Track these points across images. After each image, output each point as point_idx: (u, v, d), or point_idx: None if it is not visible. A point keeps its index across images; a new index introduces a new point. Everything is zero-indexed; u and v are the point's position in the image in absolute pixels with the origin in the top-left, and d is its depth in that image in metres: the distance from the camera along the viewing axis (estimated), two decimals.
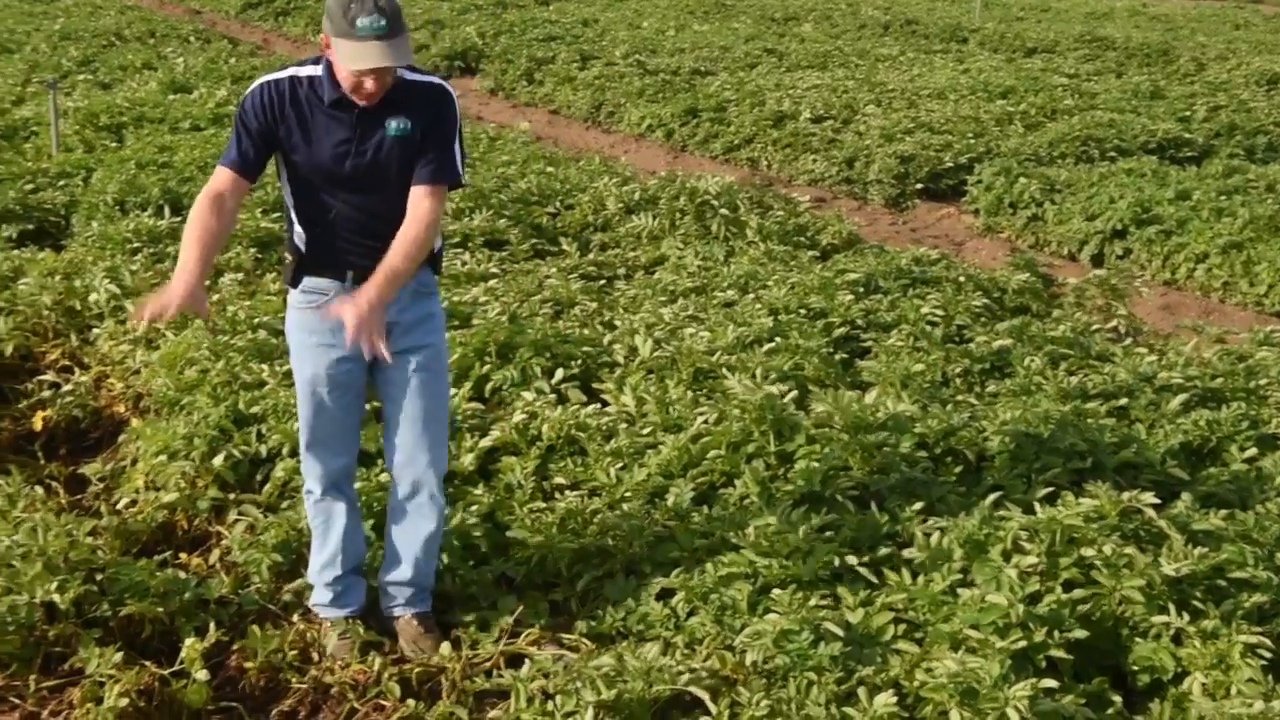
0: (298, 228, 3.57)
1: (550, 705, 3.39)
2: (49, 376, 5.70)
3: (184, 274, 3.33)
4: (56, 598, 3.75)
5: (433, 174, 3.49)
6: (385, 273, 3.36)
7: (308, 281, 3.59)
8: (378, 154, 3.46)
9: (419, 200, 3.48)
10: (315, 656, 3.80)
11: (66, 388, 5.55)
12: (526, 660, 3.66)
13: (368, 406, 4.09)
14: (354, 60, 3.28)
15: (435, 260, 3.71)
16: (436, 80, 3.58)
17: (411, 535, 3.78)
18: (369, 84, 3.34)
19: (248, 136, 3.46)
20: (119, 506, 4.68)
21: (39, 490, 4.59)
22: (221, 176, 3.47)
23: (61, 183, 8.75)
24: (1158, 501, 4.09)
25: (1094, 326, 6.39)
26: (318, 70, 3.46)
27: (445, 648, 3.73)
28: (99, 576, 3.94)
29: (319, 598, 3.92)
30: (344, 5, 3.25)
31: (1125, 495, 4.09)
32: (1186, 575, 3.70)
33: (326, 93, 3.44)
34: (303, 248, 3.57)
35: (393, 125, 3.45)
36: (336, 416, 3.69)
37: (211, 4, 23.10)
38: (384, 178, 3.49)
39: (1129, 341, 6.30)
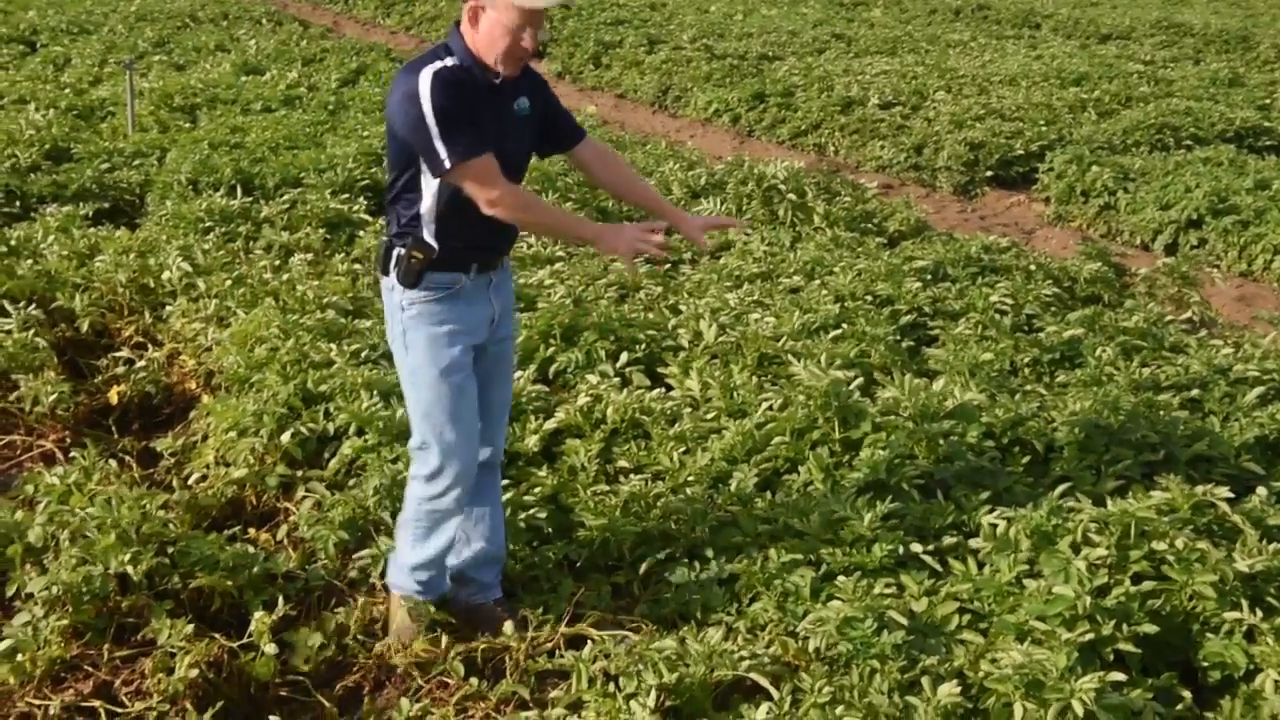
0: (430, 224, 3.42)
1: (611, 686, 3.40)
2: (123, 353, 5.80)
3: (596, 229, 3.62)
4: (129, 569, 3.81)
5: (575, 123, 3.74)
6: (656, 196, 3.84)
7: (430, 277, 3.45)
8: (521, 135, 3.51)
9: (594, 144, 3.75)
10: (380, 633, 3.84)
11: (140, 364, 5.64)
12: (588, 642, 3.67)
13: None
14: (534, 19, 3.26)
15: (514, 235, 3.71)
16: None
17: (495, 510, 3.85)
18: (528, 41, 3.28)
19: (463, 121, 3.28)
20: (190, 481, 4.75)
21: (113, 464, 4.68)
22: (490, 165, 3.32)
23: (136, 162, 8.89)
24: (1231, 496, 4.02)
25: (1167, 317, 6.28)
26: (462, 61, 3.33)
27: (508, 627, 3.74)
28: (170, 549, 4.00)
29: (401, 581, 3.80)
30: None
31: (1198, 489, 4.02)
32: (1260, 571, 3.64)
33: (483, 79, 3.35)
34: (435, 244, 3.42)
35: (518, 106, 3.47)
36: (474, 402, 3.60)
37: None
38: (521, 160, 3.60)
39: (1204, 333, 6.19)
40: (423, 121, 3.25)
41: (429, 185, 3.39)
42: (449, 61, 3.30)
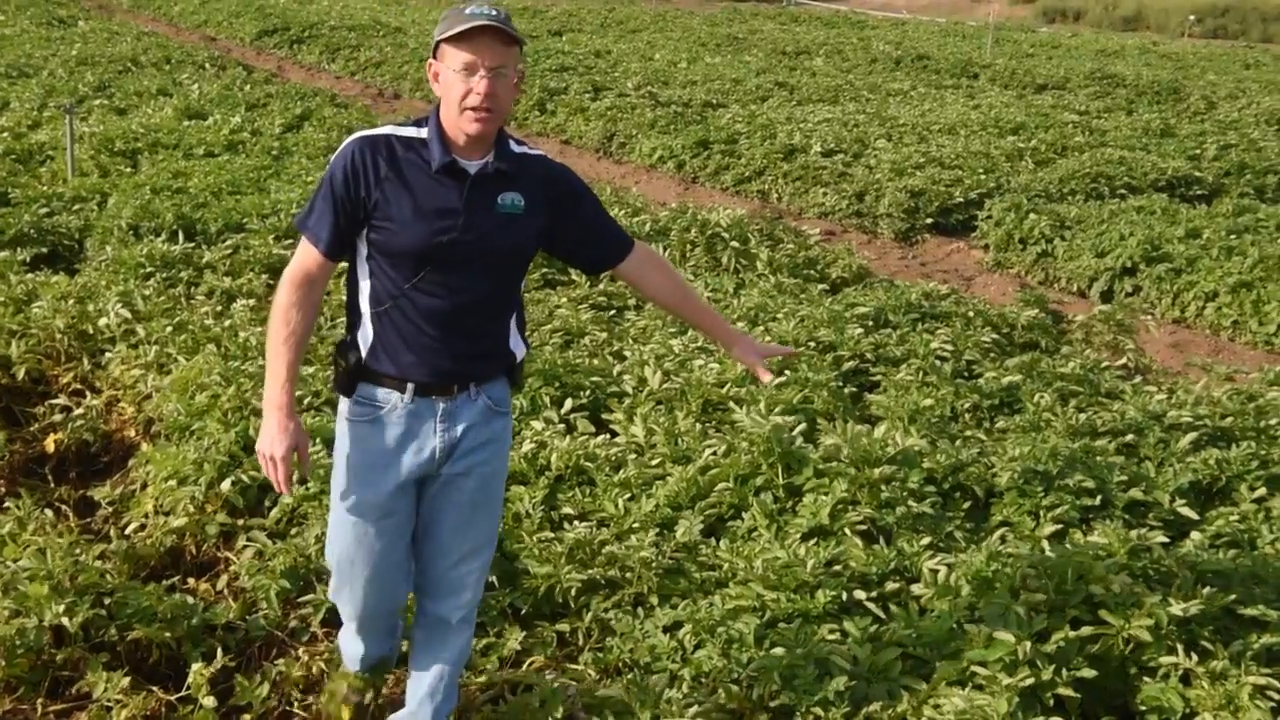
0: (364, 321, 3.02)
1: None
2: (60, 400, 5.72)
3: (280, 408, 2.94)
4: (65, 621, 3.75)
5: (624, 238, 3.23)
6: (715, 315, 3.48)
7: (362, 390, 3.04)
8: (487, 233, 2.95)
9: (641, 257, 3.24)
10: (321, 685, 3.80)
11: (78, 411, 5.57)
12: (533, 689, 3.66)
13: None
14: (466, 47, 2.82)
15: (513, 371, 3.20)
16: (552, 159, 3.16)
17: (436, 662, 3.34)
18: (481, 86, 2.83)
19: (338, 206, 2.92)
20: (128, 531, 4.69)
21: (49, 513, 4.61)
22: (310, 258, 2.97)
23: (76, 207, 8.80)
24: (1167, 540, 4.10)
25: (1103, 364, 6.39)
26: (422, 132, 2.95)
27: None
28: (107, 600, 3.94)
29: (345, 648, 3.50)
30: (455, 11, 2.88)
31: (1134, 533, 4.09)
32: (1195, 615, 3.69)
33: (435, 155, 2.91)
34: (364, 347, 3.01)
35: (503, 200, 2.97)
36: (380, 551, 3.12)
37: (227, 32, 23.29)
38: (487, 263, 2.97)
39: (1138, 379, 6.31)
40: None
41: (361, 267, 3.02)
42: (401, 131, 2.97)
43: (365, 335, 3.01)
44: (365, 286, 3.01)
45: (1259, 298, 8.09)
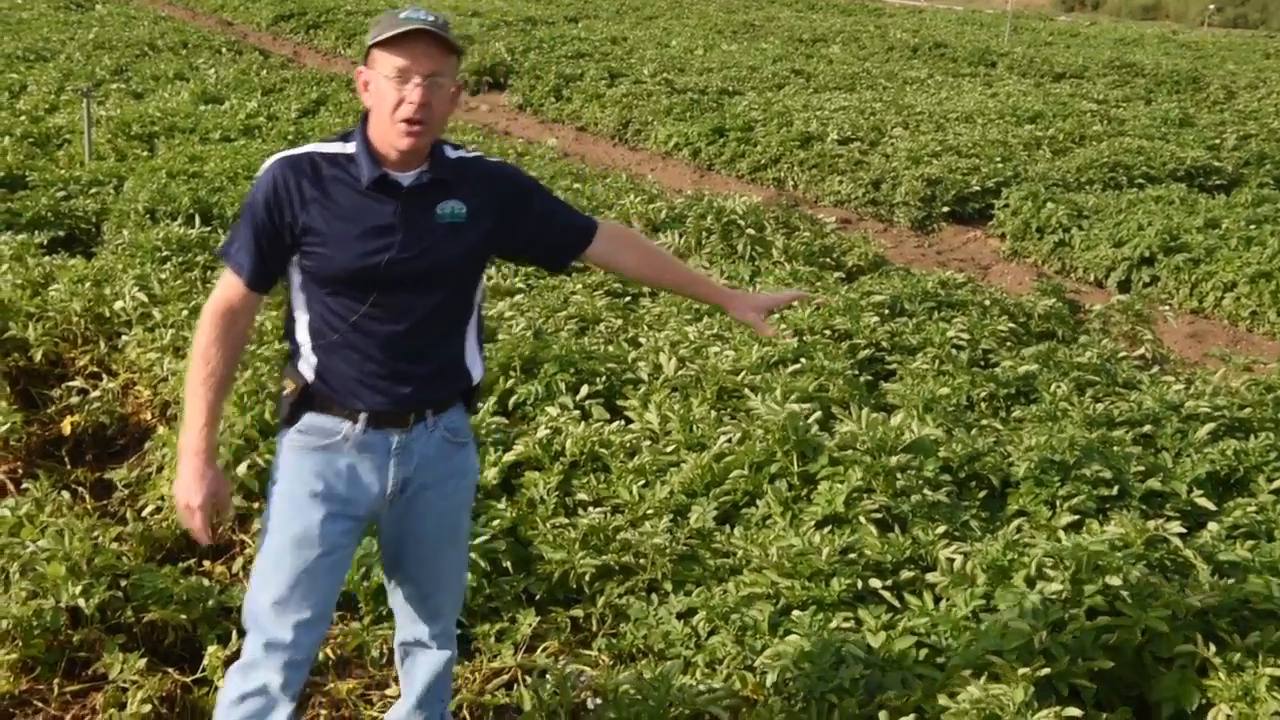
0: (305, 350, 2.78)
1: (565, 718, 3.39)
2: (77, 383, 5.74)
3: (197, 454, 2.71)
4: (81, 602, 3.76)
5: (582, 222, 2.99)
6: (701, 276, 3.21)
7: (308, 419, 2.79)
8: (430, 247, 2.72)
9: (608, 234, 3.00)
10: (334, 669, 3.81)
11: (94, 394, 5.58)
12: (546, 673, 3.66)
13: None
14: (400, 52, 2.61)
15: (470, 396, 2.97)
16: (491, 158, 2.94)
17: (423, 679, 3.19)
18: (415, 95, 2.62)
19: (260, 234, 2.69)
20: (144, 513, 4.70)
21: (65, 495, 4.62)
22: (232, 290, 2.73)
23: (93, 190, 8.82)
24: (1184, 531, 4.07)
25: (1121, 354, 6.36)
26: (349, 147, 2.73)
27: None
28: (123, 582, 3.95)
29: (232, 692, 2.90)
30: (390, 15, 2.68)
31: (1151, 524, 4.08)
32: (1213, 606, 3.67)
33: (365, 171, 2.69)
34: (310, 376, 2.77)
35: (442, 210, 2.75)
36: (317, 590, 2.82)
37: (243, 16, 23.31)
38: (432, 279, 2.75)
39: (1156, 369, 6.28)
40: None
41: (297, 296, 2.79)
42: (326, 148, 2.74)
43: (309, 364, 2.78)
44: (304, 319, 2.78)
45: (1278, 288, 8.04)
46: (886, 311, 6.63)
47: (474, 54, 17.69)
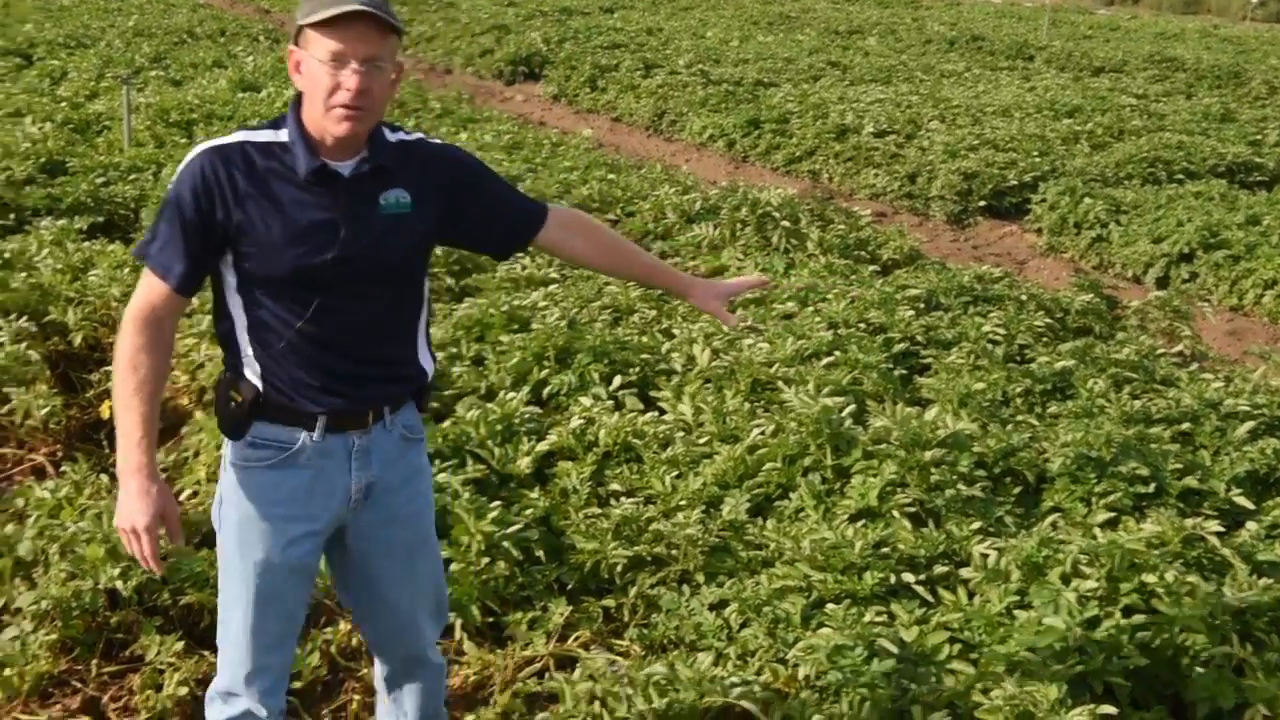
0: (249, 357, 2.58)
1: (599, 709, 3.39)
2: None
3: (138, 470, 2.47)
4: (119, 585, 3.80)
5: (533, 206, 2.82)
6: (659, 264, 3.01)
7: (260, 430, 2.60)
8: (375, 240, 2.54)
9: (560, 220, 2.82)
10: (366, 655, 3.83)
11: None
12: (578, 663, 3.67)
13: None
14: (335, 35, 2.41)
15: (423, 394, 2.79)
16: (434, 139, 2.77)
17: (413, 705, 3.05)
18: (351, 81, 2.42)
19: (188, 233, 2.47)
20: (181, 497, 4.74)
21: (104, 478, 4.66)
22: (156, 293, 2.51)
23: (132, 177, 8.89)
24: (1222, 529, 4.04)
25: (1159, 350, 6.31)
26: (281, 135, 2.53)
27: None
28: (163, 531, 3.97)
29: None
30: None
31: (1189, 522, 4.05)
32: (1250, 605, 3.65)
33: (301, 162, 2.49)
34: (259, 385, 2.57)
35: (385, 200, 2.57)
36: (288, 611, 2.73)
37: (281, 4, 23.42)
38: (380, 274, 2.58)
39: (1194, 367, 6.22)
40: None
41: (233, 299, 2.57)
42: (256, 136, 2.55)
43: (254, 371, 2.58)
44: (243, 320, 2.56)
45: None
46: (922, 305, 6.60)
47: (509, 44, 17.71)
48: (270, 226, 2.47)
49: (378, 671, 3.05)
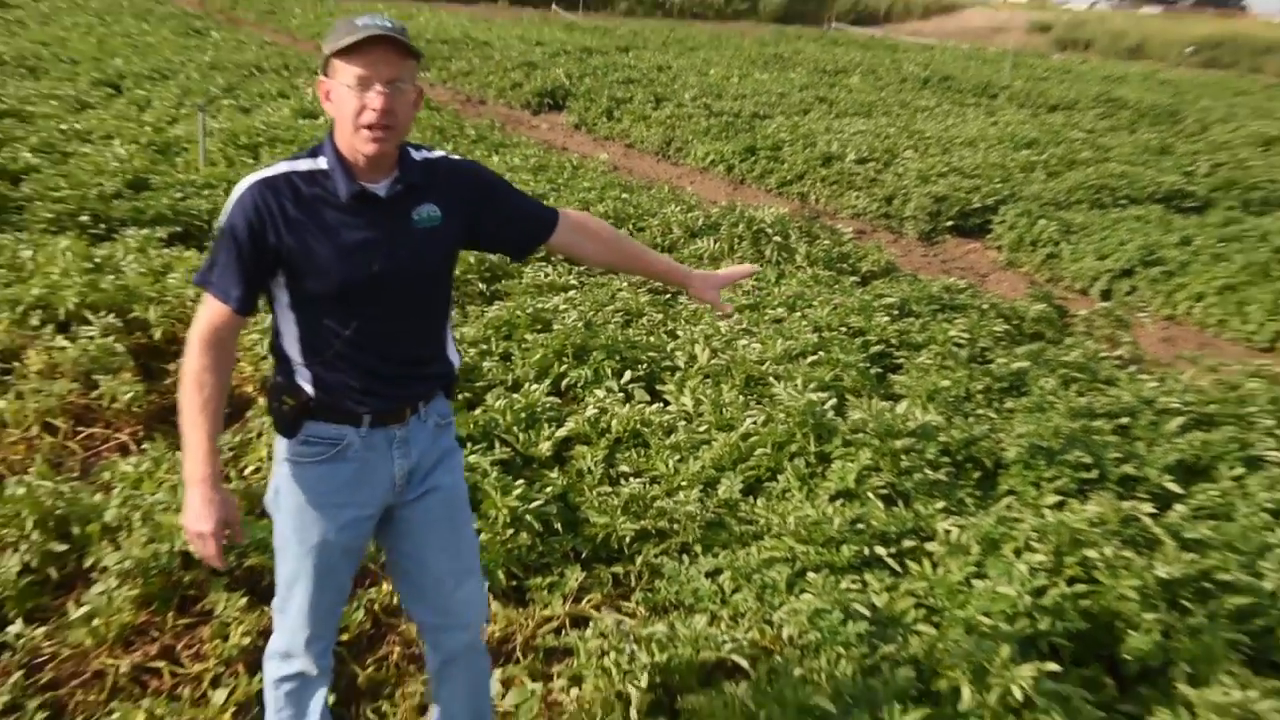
0: (299, 365, 2.54)
1: (609, 662, 3.41)
2: None
3: (203, 481, 2.43)
4: (191, 548, 3.81)
5: (546, 212, 2.76)
6: (660, 259, 2.89)
7: (311, 429, 2.58)
8: (412, 253, 2.50)
9: (569, 222, 2.77)
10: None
11: None
12: (590, 622, 3.68)
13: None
14: (359, 60, 2.36)
15: (451, 385, 2.76)
16: (454, 155, 2.70)
17: (465, 697, 2.94)
18: (377, 101, 2.37)
19: (244, 259, 2.42)
20: (245, 473, 4.76)
21: (179, 456, 4.68)
22: (218, 315, 2.46)
23: (206, 192, 8.90)
24: (1154, 511, 4.04)
25: (1102, 354, 6.30)
26: (321, 162, 2.48)
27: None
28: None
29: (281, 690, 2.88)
30: (345, 22, 2.42)
31: (1126, 504, 4.04)
32: (1178, 578, 3.65)
33: (341, 187, 2.44)
34: (310, 389, 2.54)
35: (419, 215, 2.52)
36: (338, 585, 2.73)
37: None
38: (417, 283, 2.54)
39: (1133, 368, 6.21)
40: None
41: (285, 315, 2.53)
42: (299, 165, 2.47)
43: (305, 377, 2.54)
44: (294, 332, 2.52)
45: (1242, 299, 7.94)
46: (896, 312, 6.60)
47: (537, 78, 17.69)
48: (318, 248, 2.42)
49: (430, 666, 2.94)
